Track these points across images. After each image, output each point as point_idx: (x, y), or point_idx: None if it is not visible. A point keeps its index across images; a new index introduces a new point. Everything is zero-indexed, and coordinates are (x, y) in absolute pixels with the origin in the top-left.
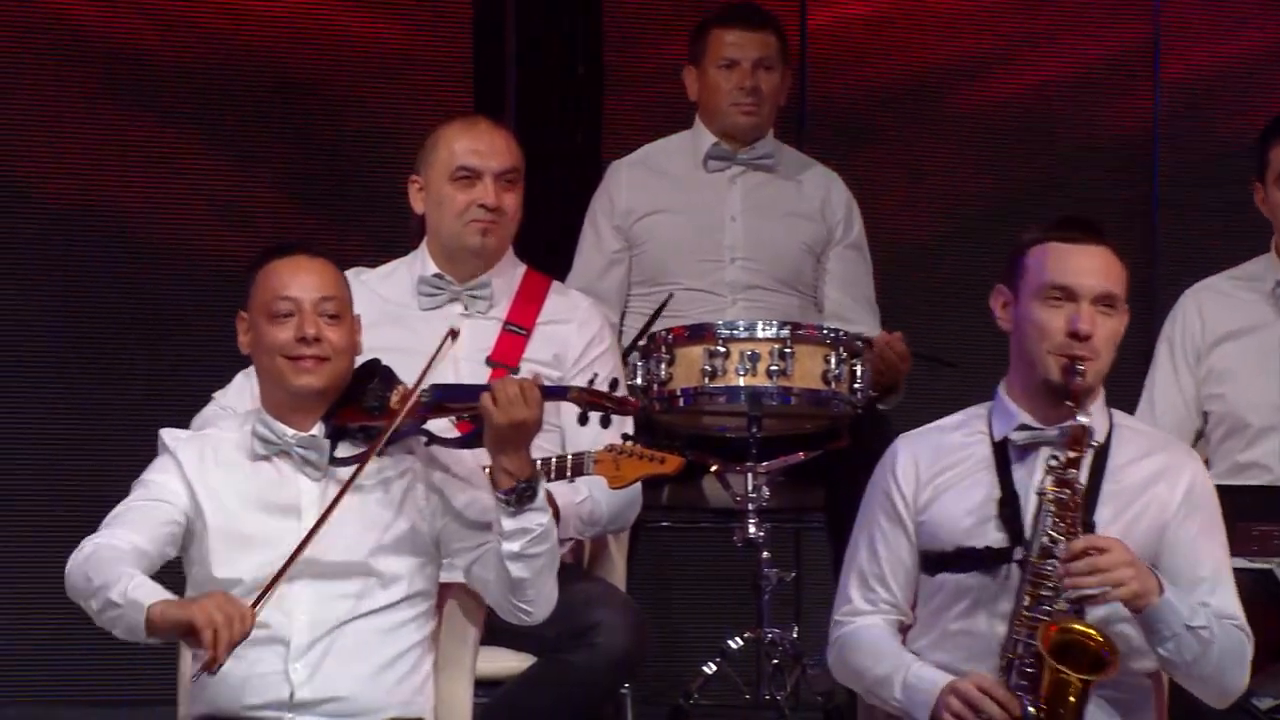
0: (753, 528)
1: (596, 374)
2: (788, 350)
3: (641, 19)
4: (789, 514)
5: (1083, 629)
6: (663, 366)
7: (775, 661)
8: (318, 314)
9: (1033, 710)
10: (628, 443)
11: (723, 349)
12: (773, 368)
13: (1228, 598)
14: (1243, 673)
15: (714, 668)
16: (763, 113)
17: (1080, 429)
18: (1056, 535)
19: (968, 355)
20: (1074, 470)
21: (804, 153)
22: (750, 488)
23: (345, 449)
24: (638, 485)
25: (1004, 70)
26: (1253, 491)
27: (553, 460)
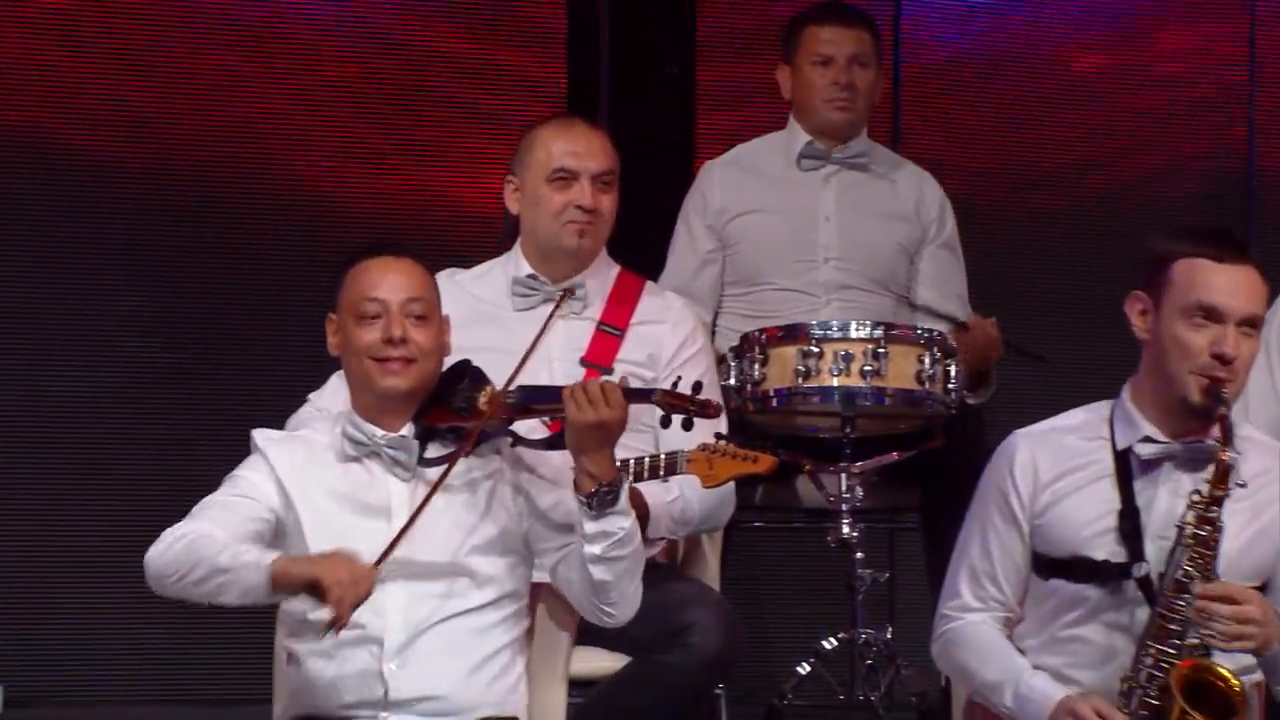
0: (846, 528)
1: (681, 376)
2: (881, 350)
3: (736, 19)
4: (883, 514)
5: (1219, 672)
6: (756, 366)
7: (869, 662)
8: (405, 315)
9: None
10: (721, 442)
11: (816, 349)
12: (867, 368)
13: None
14: None
15: (808, 668)
16: (857, 109)
17: (1227, 467)
18: (1192, 571)
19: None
20: (1216, 509)
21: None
22: (844, 488)
23: (434, 449)
24: (730, 485)
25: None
26: None
27: (645, 459)
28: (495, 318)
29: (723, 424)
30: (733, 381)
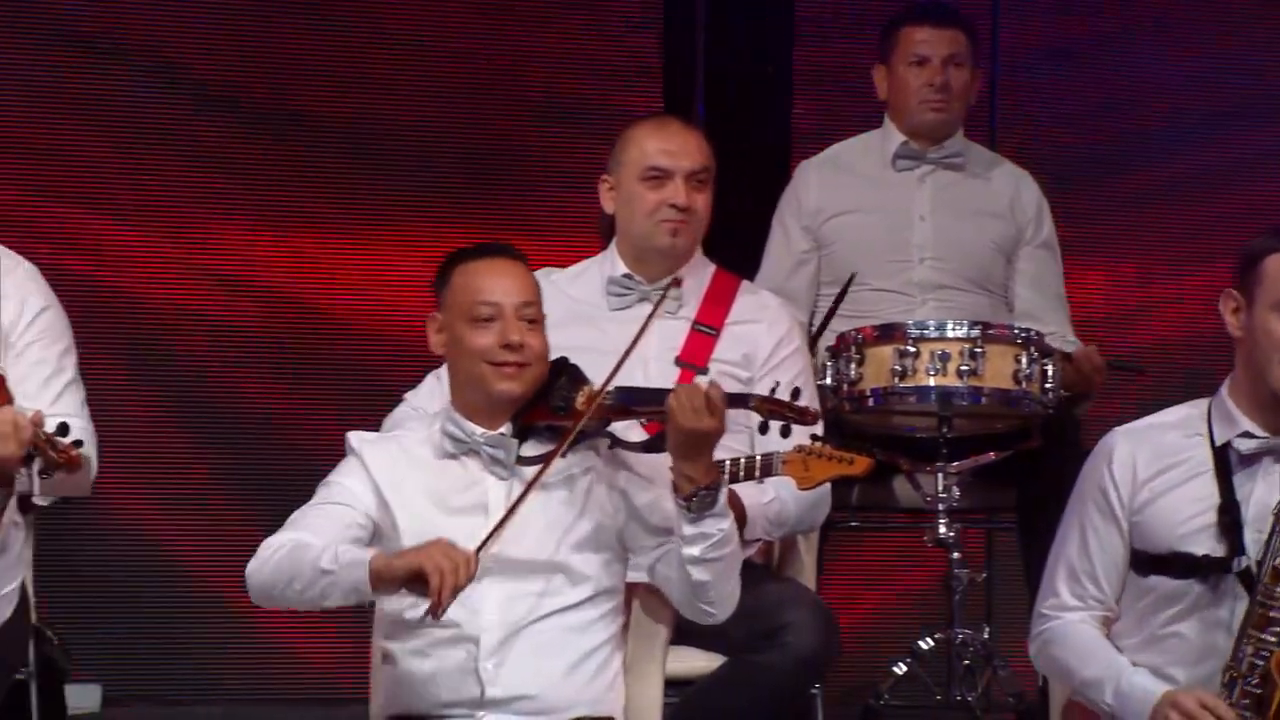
0: (943, 528)
1: (779, 382)
2: (978, 350)
3: (831, 19)
4: (980, 514)
5: None
6: (852, 366)
7: (966, 662)
8: (519, 319)
9: None
10: (817, 443)
11: (913, 349)
12: (963, 367)
13: None
14: None
15: (904, 668)
16: (952, 109)
17: None
18: None
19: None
20: None
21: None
22: (940, 488)
23: (531, 447)
24: (826, 486)
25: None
26: None
27: (742, 460)
28: (591, 318)
29: (819, 425)
30: (829, 381)
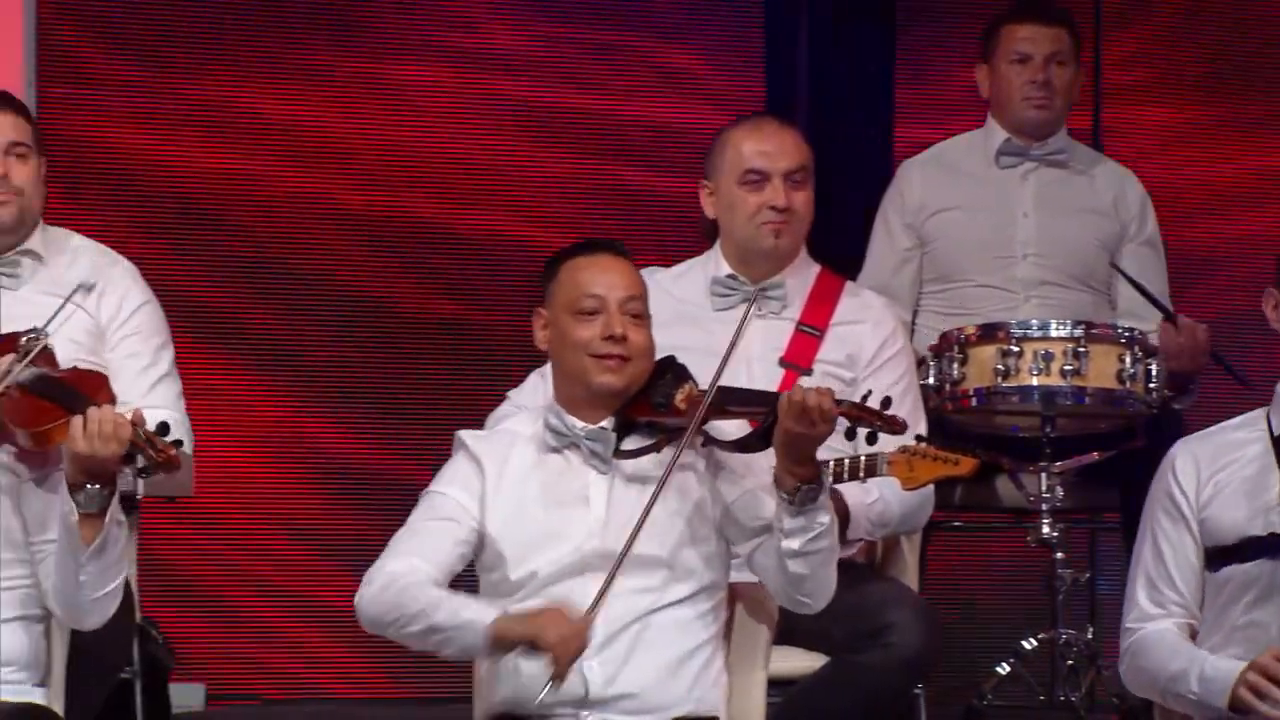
0: (1046, 528)
1: (870, 390)
2: (1082, 349)
3: (933, 16)
4: (1083, 514)
5: None
6: (955, 366)
7: (1070, 662)
8: (623, 313)
9: None
10: (922, 444)
11: (1016, 348)
12: (1067, 367)
13: None
14: None
15: (1008, 668)
16: (1055, 107)
17: None
18: None
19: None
20: None
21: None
22: (1044, 488)
23: (631, 443)
24: (930, 487)
25: None
26: None
27: (846, 460)
28: (695, 318)
29: (923, 425)
30: (932, 381)
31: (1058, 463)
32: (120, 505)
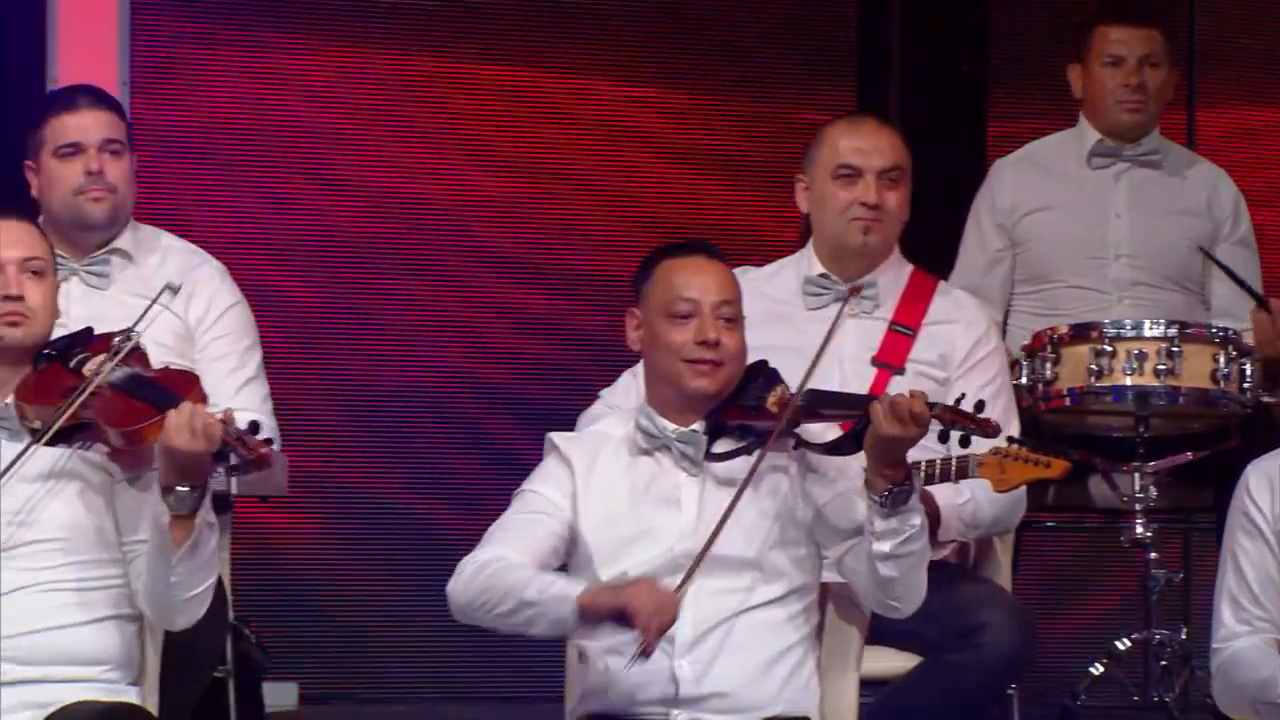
0: (1140, 528)
1: (964, 394)
2: (1175, 349)
3: (1026, 16)
4: (1177, 514)
5: None
6: (1048, 366)
7: (1164, 663)
8: (716, 318)
9: None
10: (1014, 445)
11: (1109, 348)
12: (1160, 367)
13: None
14: None
15: (1101, 668)
16: (1148, 110)
17: None
18: None
19: None
20: None
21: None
22: (1137, 488)
23: (722, 445)
24: (1022, 488)
25: None
26: None
27: (937, 462)
28: (788, 318)
29: (1015, 426)
30: (1024, 381)
31: (1151, 463)
32: (214, 505)
